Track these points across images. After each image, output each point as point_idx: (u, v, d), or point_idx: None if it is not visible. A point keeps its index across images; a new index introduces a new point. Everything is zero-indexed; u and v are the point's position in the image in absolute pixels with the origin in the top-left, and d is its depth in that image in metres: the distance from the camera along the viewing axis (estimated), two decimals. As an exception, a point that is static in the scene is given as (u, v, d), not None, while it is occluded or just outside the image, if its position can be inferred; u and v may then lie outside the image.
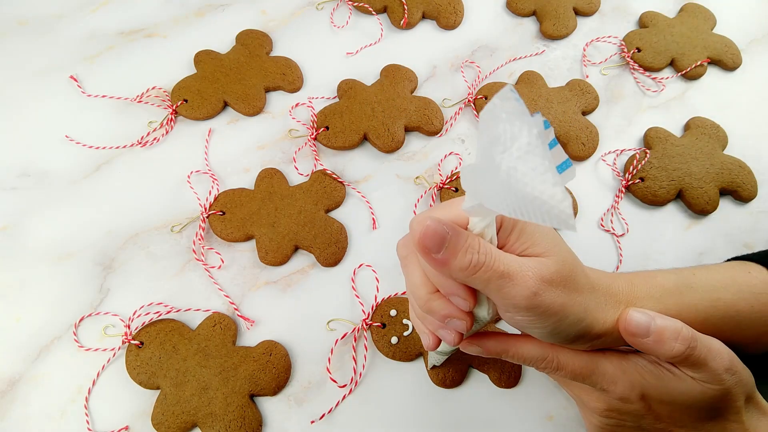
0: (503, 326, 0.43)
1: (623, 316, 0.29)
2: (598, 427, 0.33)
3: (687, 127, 0.54)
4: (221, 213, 0.46)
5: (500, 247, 0.28)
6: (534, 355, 0.31)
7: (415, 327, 0.33)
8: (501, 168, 0.21)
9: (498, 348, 0.32)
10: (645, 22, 0.59)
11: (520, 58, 0.57)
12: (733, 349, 0.30)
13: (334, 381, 0.42)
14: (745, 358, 0.31)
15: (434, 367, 0.42)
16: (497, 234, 0.28)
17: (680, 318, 0.29)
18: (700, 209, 0.49)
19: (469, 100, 0.53)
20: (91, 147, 0.50)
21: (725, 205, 0.51)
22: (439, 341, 0.31)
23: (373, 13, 0.58)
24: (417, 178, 0.50)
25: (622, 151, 0.52)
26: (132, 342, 0.41)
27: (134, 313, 0.43)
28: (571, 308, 0.28)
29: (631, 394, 0.30)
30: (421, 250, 0.26)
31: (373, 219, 0.48)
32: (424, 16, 0.59)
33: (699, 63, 0.56)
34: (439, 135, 0.52)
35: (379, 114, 0.51)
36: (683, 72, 0.56)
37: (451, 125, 0.53)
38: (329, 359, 0.42)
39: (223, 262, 0.46)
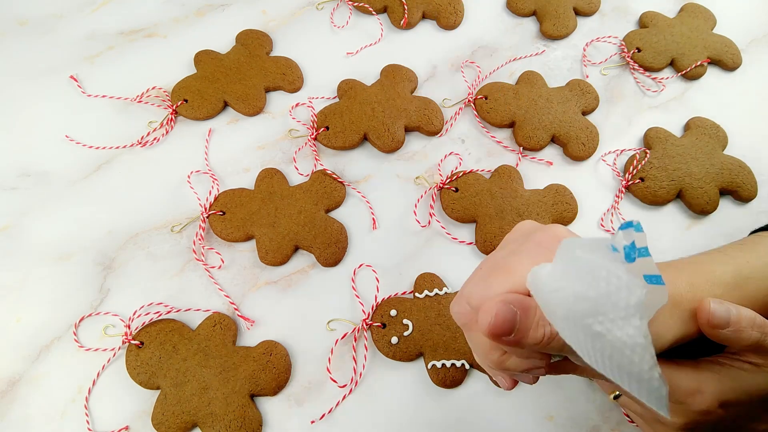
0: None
1: (703, 308, 0.29)
2: None
3: (687, 127, 0.54)
4: (221, 213, 0.46)
5: None
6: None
7: (489, 372, 0.33)
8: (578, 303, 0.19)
9: (568, 369, 0.32)
10: (645, 22, 0.59)
11: (520, 58, 0.57)
12: None
13: (334, 381, 0.42)
14: None
15: None
16: None
17: None
18: (700, 209, 0.49)
19: (469, 100, 0.53)
20: (91, 147, 0.50)
21: (725, 205, 0.51)
22: (516, 383, 0.32)
23: (373, 13, 0.58)
24: (417, 178, 0.50)
25: (622, 151, 0.52)
26: (132, 342, 0.41)
27: (134, 313, 0.43)
28: None
29: (712, 405, 0.29)
30: (493, 338, 0.25)
31: (373, 219, 0.48)
32: (424, 16, 0.59)
33: (699, 63, 0.56)
34: (439, 135, 0.52)
35: (379, 114, 0.51)
36: (683, 72, 0.56)
37: (451, 125, 0.53)
38: (329, 359, 0.42)
39: (223, 262, 0.46)
